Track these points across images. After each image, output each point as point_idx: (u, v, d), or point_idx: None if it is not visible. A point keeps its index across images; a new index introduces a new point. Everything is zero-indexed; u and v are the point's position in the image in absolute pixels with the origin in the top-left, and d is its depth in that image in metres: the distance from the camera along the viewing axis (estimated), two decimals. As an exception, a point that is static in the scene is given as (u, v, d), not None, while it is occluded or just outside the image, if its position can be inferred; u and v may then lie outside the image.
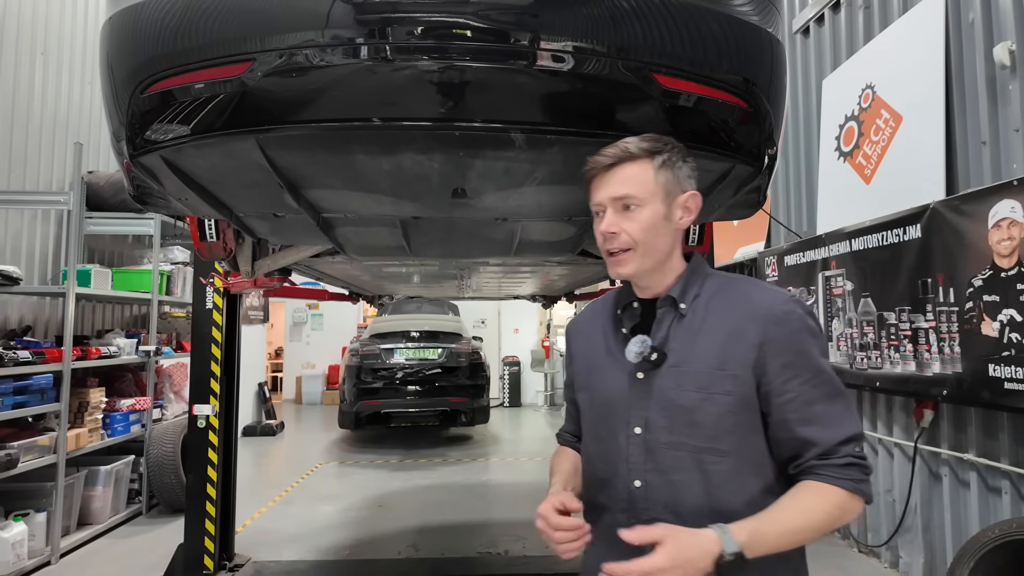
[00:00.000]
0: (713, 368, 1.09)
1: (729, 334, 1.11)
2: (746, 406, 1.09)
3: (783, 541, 1.02)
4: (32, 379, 3.86)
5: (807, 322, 1.11)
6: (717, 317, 1.13)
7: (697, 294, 1.17)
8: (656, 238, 1.14)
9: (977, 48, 3.30)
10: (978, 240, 3.02)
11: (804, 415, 1.07)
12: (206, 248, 2.31)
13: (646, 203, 1.12)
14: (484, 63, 1.26)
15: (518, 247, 2.31)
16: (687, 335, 1.13)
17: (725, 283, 1.18)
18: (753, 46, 1.47)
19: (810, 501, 1.04)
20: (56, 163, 5.00)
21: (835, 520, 1.04)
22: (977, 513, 3.20)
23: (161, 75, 1.34)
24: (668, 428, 1.11)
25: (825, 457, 1.05)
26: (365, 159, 1.46)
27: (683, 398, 1.10)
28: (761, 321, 1.09)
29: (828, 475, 1.04)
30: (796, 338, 1.09)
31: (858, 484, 1.04)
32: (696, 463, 1.09)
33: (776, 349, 1.08)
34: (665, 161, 1.14)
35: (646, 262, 1.14)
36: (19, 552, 3.67)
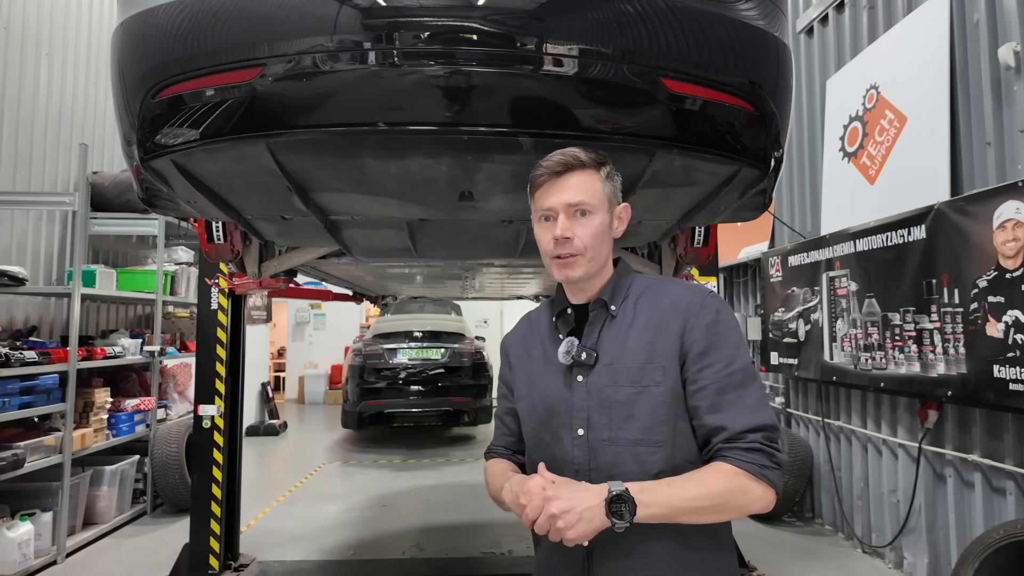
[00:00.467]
0: (644, 362, 1.14)
1: (656, 329, 1.16)
2: (676, 396, 1.13)
3: (676, 502, 1.03)
4: (38, 379, 3.87)
5: (722, 314, 1.16)
6: (645, 315, 1.19)
7: (625, 296, 1.22)
8: (602, 244, 1.19)
9: (982, 49, 3.30)
10: (983, 241, 3.01)
11: (713, 403, 1.11)
12: (213, 250, 2.32)
13: (597, 210, 1.18)
14: (491, 68, 1.26)
15: (524, 248, 2.32)
16: (618, 334, 1.18)
17: (650, 283, 1.25)
18: (759, 50, 1.48)
19: (708, 475, 1.07)
20: (61, 164, 5.02)
21: (736, 499, 1.05)
22: (982, 514, 3.20)
23: (172, 80, 1.35)
24: (607, 425, 1.14)
25: (731, 441, 1.08)
26: (373, 163, 1.47)
27: (619, 393, 1.14)
28: (682, 313, 1.16)
29: (731, 456, 1.07)
30: (711, 329, 1.14)
31: (763, 469, 1.06)
32: (634, 456, 1.12)
33: (693, 338, 1.13)
34: (609, 173, 1.20)
35: (592, 266, 1.19)
36: (25, 552, 3.69)
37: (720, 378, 1.11)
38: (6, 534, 3.58)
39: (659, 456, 1.12)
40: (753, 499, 1.06)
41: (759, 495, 1.06)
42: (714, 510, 1.06)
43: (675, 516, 1.04)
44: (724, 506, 1.05)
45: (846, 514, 4.40)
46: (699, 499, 1.04)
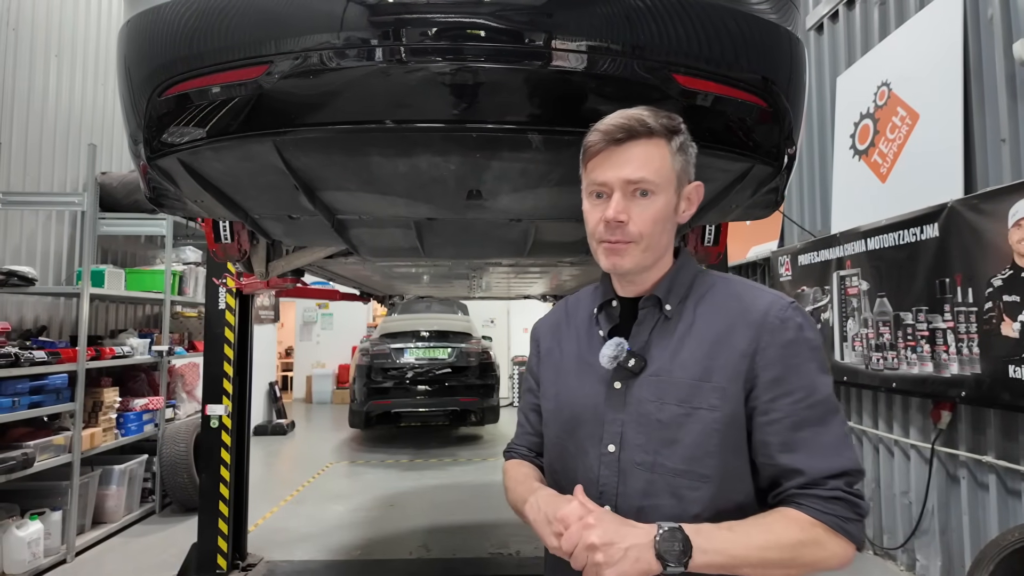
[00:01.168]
0: (697, 379, 0.96)
1: (717, 341, 0.98)
2: (733, 424, 0.95)
3: (739, 550, 0.86)
4: (48, 379, 3.89)
5: (805, 332, 0.96)
6: (705, 321, 1.00)
7: (685, 295, 1.04)
8: (663, 232, 1.01)
9: (996, 45, 3.25)
10: (998, 239, 2.97)
11: (787, 440, 0.93)
12: (221, 249, 2.32)
13: (661, 191, 0.98)
14: (499, 64, 1.25)
15: (532, 248, 2.30)
16: (671, 340, 1.00)
17: (717, 283, 1.05)
18: (772, 44, 1.45)
19: (777, 522, 0.90)
20: (70, 164, 5.04)
21: (809, 554, 0.88)
22: (996, 516, 3.15)
23: (178, 78, 1.34)
24: (643, 446, 0.97)
25: (808, 488, 0.91)
26: (381, 161, 1.46)
27: (663, 412, 0.97)
28: (754, 327, 0.96)
29: (808, 505, 0.90)
30: (791, 349, 0.95)
31: (845, 523, 0.89)
32: (670, 488, 0.95)
33: (767, 360, 0.95)
34: (682, 144, 1.00)
35: (647, 257, 1.01)
36: (35, 550, 3.71)
37: (798, 411, 0.93)
38: (16, 533, 3.60)
39: (701, 494, 0.94)
40: (829, 555, 0.89)
41: (836, 551, 0.89)
42: (782, 564, 0.88)
43: (736, 567, 0.87)
44: (794, 561, 0.88)
45: (857, 516, 4.35)
46: (766, 549, 0.87)
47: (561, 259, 2.89)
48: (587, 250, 2.34)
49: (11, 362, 3.55)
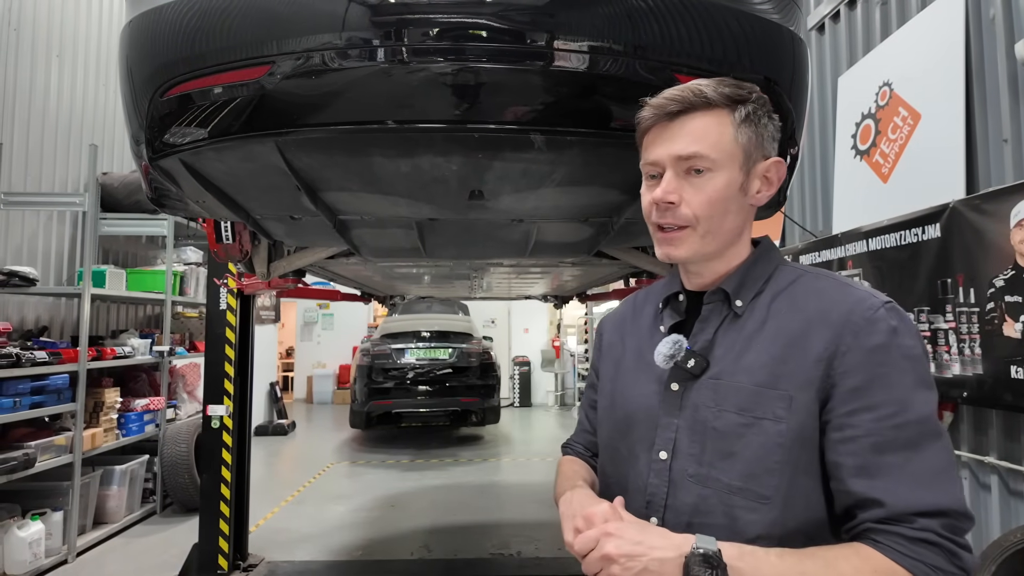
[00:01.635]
0: (763, 385, 0.84)
1: (791, 342, 0.84)
2: (803, 440, 0.81)
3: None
4: (49, 379, 3.89)
5: (899, 338, 0.80)
6: (780, 320, 0.87)
7: (760, 290, 0.91)
8: (725, 215, 0.89)
9: (998, 45, 3.25)
10: (1000, 240, 2.97)
11: (866, 463, 0.77)
12: (222, 250, 2.32)
13: (720, 167, 0.87)
14: (501, 64, 1.25)
15: (533, 248, 2.30)
16: (738, 340, 0.88)
17: (799, 277, 0.91)
18: (775, 44, 1.45)
19: (843, 557, 0.74)
20: (71, 164, 5.05)
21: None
22: (998, 517, 3.15)
23: (180, 79, 1.34)
24: (697, 457, 0.86)
25: (890, 523, 0.75)
26: (383, 161, 1.45)
27: (720, 420, 0.85)
28: (834, 328, 0.82)
29: (887, 545, 0.74)
30: (877, 357, 0.79)
31: (934, 571, 0.72)
32: (724, 507, 0.83)
33: (847, 365, 0.80)
34: (749, 115, 0.88)
35: (708, 244, 0.90)
36: (36, 551, 3.71)
37: (882, 429, 0.77)
38: (17, 533, 3.60)
39: (761, 516, 0.81)
40: None
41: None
42: None
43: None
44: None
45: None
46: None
47: (562, 260, 2.89)
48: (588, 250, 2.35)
49: (12, 362, 3.55)
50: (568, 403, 12.26)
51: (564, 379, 12.54)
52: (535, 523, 4.88)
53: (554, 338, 13.01)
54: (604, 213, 1.86)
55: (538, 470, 6.83)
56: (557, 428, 9.80)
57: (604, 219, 1.92)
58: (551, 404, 12.50)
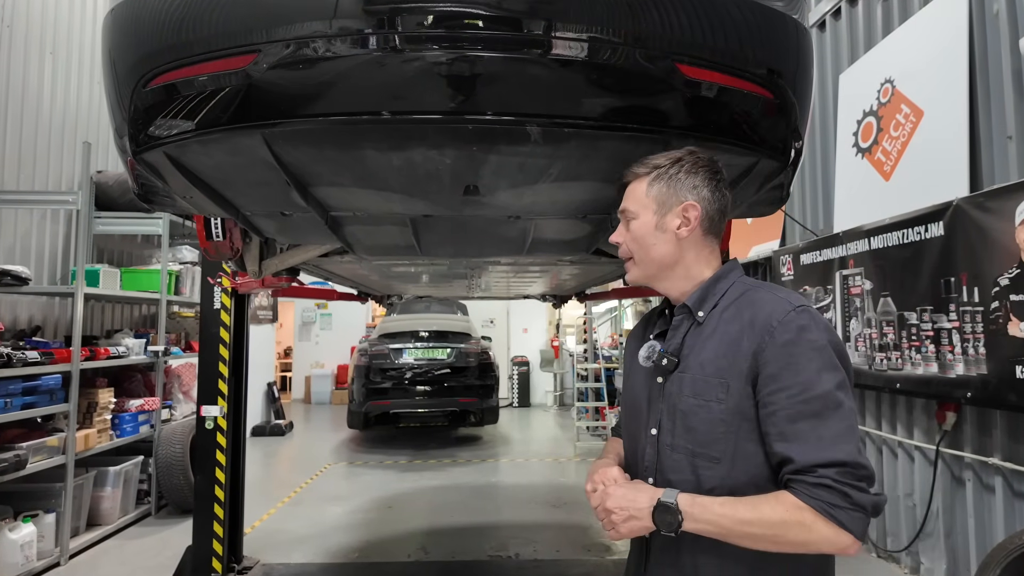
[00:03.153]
0: (710, 376, 1.11)
1: (731, 343, 1.11)
2: (739, 415, 1.08)
3: (725, 523, 1.02)
4: (41, 379, 3.84)
5: (806, 334, 1.06)
6: (725, 327, 1.14)
7: (715, 303, 1.17)
8: (648, 247, 1.21)
9: (1003, 40, 3.21)
10: (1004, 238, 2.93)
11: (783, 431, 1.04)
12: (213, 247, 2.27)
13: (639, 215, 1.21)
14: (497, 53, 1.20)
15: (531, 246, 2.25)
16: (698, 343, 1.16)
17: (745, 291, 1.18)
18: (778, 33, 1.41)
19: (766, 502, 1.02)
20: (65, 162, 5.00)
21: (795, 534, 0.99)
22: (1002, 519, 3.11)
23: (164, 68, 1.30)
24: (671, 431, 1.15)
25: (799, 474, 1.01)
26: (375, 155, 1.41)
27: (683, 403, 1.14)
28: (757, 330, 1.09)
29: (796, 489, 1.00)
30: (788, 349, 1.06)
31: (832, 509, 0.97)
32: (691, 466, 1.12)
33: (766, 357, 1.06)
34: (659, 174, 1.20)
35: (646, 269, 1.23)
36: (28, 553, 3.66)
37: (793, 404, 1.03)
38: (8, 536, 3.55)
39: (715, 473, 1.09)
40: (819, 538, 0.98)
41: (826, 535, 0.98)
42: (769, 540, 1.01)
43: (724, 536, 1.03)
44: (781, 538, 1.00)
45: (860, 518, 4.30)
46: (750, 524, 1.01)
47: (561, 258, 2.84)
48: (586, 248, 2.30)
49: (3, 362, 3.50)
50: (567, 403, 12.22)
51: (563, 379, 12.50)
52: (534, 525, 4.84)
53: (553, 338, 12.97)
54: (603, 209, 1.81)
55: (537, 471, 6.79)
56: (556, 428, 9.76)
57: (603, 216, 1.87)
58: (550, 404, 12.46)
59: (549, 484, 6.15)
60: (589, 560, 4.09)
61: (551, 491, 5.84)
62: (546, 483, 6.20)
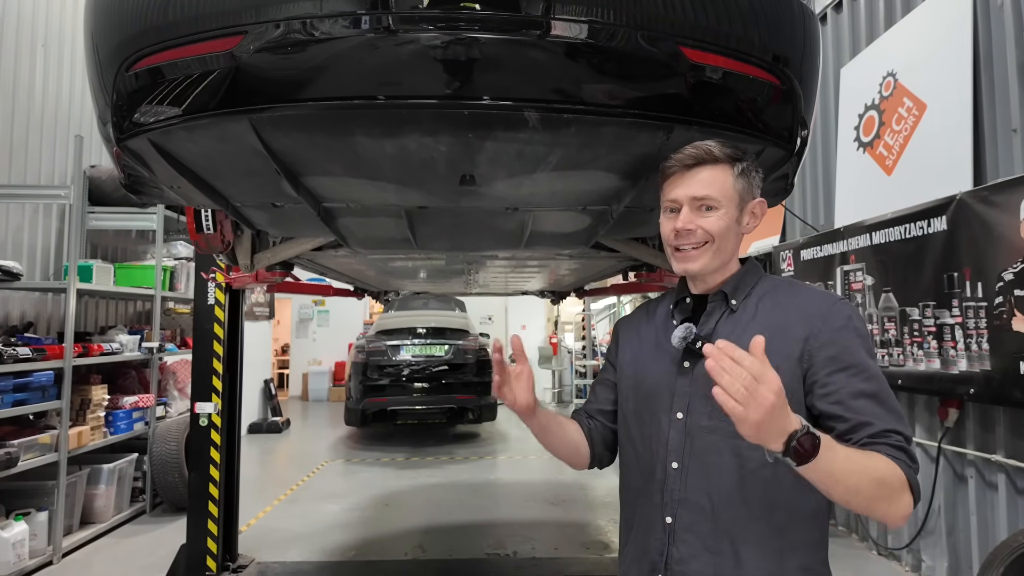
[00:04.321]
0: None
1: (776, 330, 1.12)
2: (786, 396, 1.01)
3: (849, 465, 0.96)
4: (33, 376, 3.79)
5: (854, 321, 1.13)
6: (765, 315, 1.17)
7: (748, 293, 1.22)
8: (727, 239, 1.20)
9: (1008, 33, 3.16)
10: (1009, 232, 2.89)
11: (852, 405, 1.06)
12: (203, 240, 2.22)
13: (723, 206, 1.18)
14: (494, 34, 1.15)
15: (529, 239, 2.20)
16: (734, 328, 1.17)
17: (777, 285, 1.23)
18: (786, 18, 1.36)
19: (874, 456, 1.01)
20: (57, 157, 4.94)
21: (891, 490, 0.98)
22: (1005, 517, 3.07)
23: (147, 51, 1.25)
24: (708, 414, 1.13)
25: (878, 437, 1.03)
26: (367, 142, 1.36)
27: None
28: (808, 318, 1.12)
29: (884, 450, 1.01)
30: (842, 334, 1.10)
31: (909, 468, 1.01)
32: (732, 447, 1.11)
33: (821, 343, 1.10)
34: (744, 169, 1.20)
35: (715, 260, 1.20)
36: (20, 552, 3.62)
37: (855, 382, 1.07)
38: (0, 534, 3.50)
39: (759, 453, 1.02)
40: (900, 503, 0.99)
41: (906, 501, 1.00)
42: (870, 496, 0.98)
43: (837, 481, 0.95)
44: (879, 494, 0.98)
45: (861, 516, 4.27)
46: (866, 473, 0.97)
47: (559, 252, 2.80)
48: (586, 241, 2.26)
49: (-7, 359, 3.45)
50: (565, 400, 12.19)
51: (562, 376, 12.47)
52: (531, 523, 4.80)
53: (551, 335, 12.93)
54: (603, 200, 1.76)
55: (535, 468, 6.75)
56: (554, 425, 9.71)
57: (603, 207, 1.83)
58: (548, 401, 12.42)
59: (547, 482, 6.11)
60: (588, 558, 4.05)
61: (549, 489, 5.80)
62: (544, 481, 6.16)
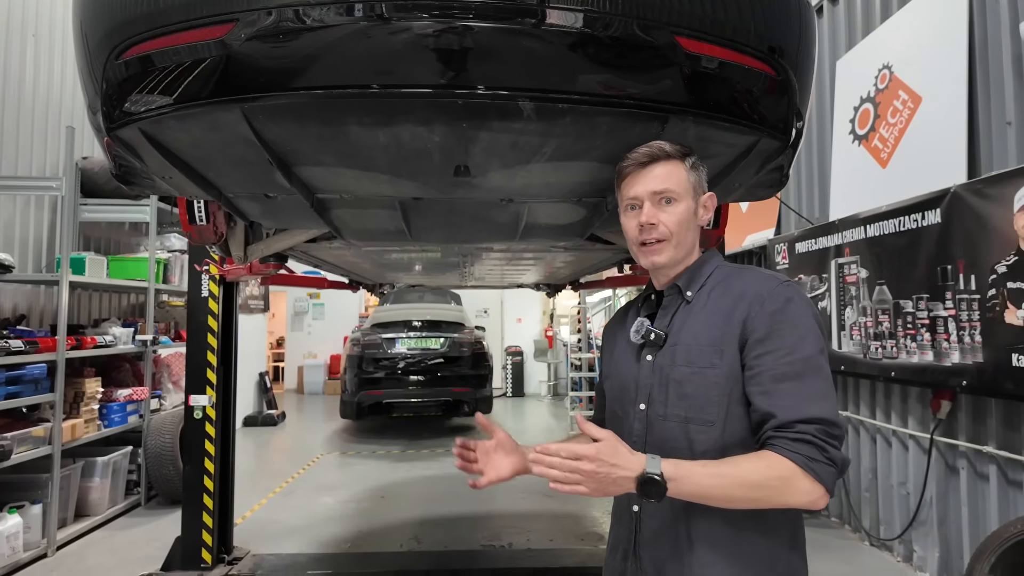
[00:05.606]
0: (703, 345, 1.18)
1: (723, 316, 1.18)
2: (732, 379, 1.14)
3: (710, 482, 1.04)
4: (25, 369, 3.77)
5: (792, 304, 1.14)
6: (715, 302, 1.21)
7: (703, 284, 1.25)
8: (687, 231, 1.24)
9: (1003, 25, 3.16)
10: (1002, 225, 2.90)
11: (767, 389, 1.10)
12: (196, 231, 2.20)
13: (682, 198, 1.23)
14: (489, 23, 1.14)
15: (524, 231, 2.19)
16: (687, 318, 1.23)
17: (730, 272, 1.26)
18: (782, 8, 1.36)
19: (748, 460, 1.06)
20: (49, 148, 4.89)
21: (776, 487, 1.03)
22: (996, 507, 3.10)
23: (137, 38, 1.23)
24: (663, 402, 1.20)
25: (780, 430, 1.06)
26: (360, 131, 1.34)
27: (676, 372, 1.19)
28: (748, 300, 1.17)
29: (777, 444, 1.05)
30: (775, 316, 1.13)
31: (810, 462, 1.03)
32: (684, 432, 1.17)
33: (754, 324, 1.14)
34: (694, 163, 1.25)
35: (678, 252, 1.25)
36: (14, 544, 3.61)
37: (778, 365, 1.10)
38: (-7, 527, 3.50)
39: (709, 436, 1.14)
40: (797, 491, 1.03)
41: (804, 488, 1.03)
42: (750, 498, 1.05)
43: (708, 499, 1.05)
44: (761, 493, 1.04)
45: (853, 506, 4.31)
46: (732, 483, 1.04)
47: (555, 244, 2.79)
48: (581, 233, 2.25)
49: (-15, 351, 3.43)
50: (561, 393, 12.21)
51: (557, 369, 12.49)
52: (526, 514, 4.82)
53: (547, 328, 12.94)
54: (598, 192, 1.76)
55: (530, 460, 6.77)
56: (550, 418, 9.75)
57: (598, 199, 1.82)
58: (544, 394, 12.45)
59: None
60: (583, 549, 4.07)
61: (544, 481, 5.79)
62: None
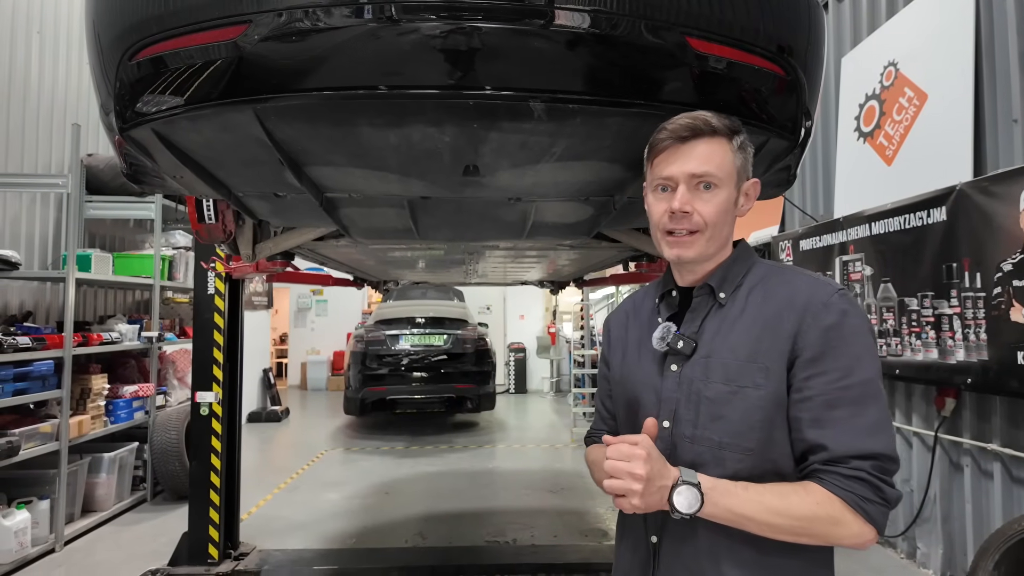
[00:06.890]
0: (744, 360, 1.01)
1: (765, 325, 1.02)
2: (777, 403, 0.99)
3: (749, 510, 0.94)
4: (33, 365, 3.79)
5: (849, 317, 0.99)
6: (756, 308, 1.05)
7: (739, 284, 1.09)
8: (724, 224, 1.07)
9: (1009, 22, 3.15)
10: (1008, 223, 2.89)
11: (818, 416, 0.96)
12: (205, 230, 2.21)
13: (723, 184, 1.05)
14: (498, 24, 1.15)
15: (531, 229, 2.20)
16: (722, 325, 1.06)
17: (771, 272, 1.09)
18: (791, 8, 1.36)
19: (796, 492, 0.95)
20: (55, 145, 4.90)
21: (822, 528, 0.93)
22: (1000, 505, 3.11)
23: (150, 40, 1.24)
24: (692, 421, 1.04)
25: (831, 464, 0.95)
26: (370, 132, 1.35)
27: (710, 390, 1.03)
28: (799, 311, 1.00)
29: (828, 480, 0.94)
30: (830, 332, 0.98)
31: (863, 502, 0.92)
32: (716, 459, 1.01)
33: (807, 341, 0.98)
34: (742, 143, 1.08)
35: (710, 247, 1.07)
36: (22, 540, 3.64)
37: (831, 390, 0.96)
38: (2, 522, 3.52)
39: (745, 465, 1.00)
40: (845, 533, 0.93)
41: (854, 530, 0.93)
42: (792, 532, 0.94)
43: (743, 524, 0.95)
44: (805, 531, 0.94)
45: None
46: (776, 515, 0.94)
47: (561, 242, 2.80)
48: (588, 231, 2.26)
49: (-7, 348, 3.45)
50: (563, 389, 12.23)
51: (560, 365, 12.51)
52: (531, 510, 4.84)
53: (550, 324, 12.95)
54: (606, 191, 1.76)
55: (533, 457, 6.79)
56: (552, 414, 9.77)
57: (606, 198, 1.83)
58: (546, 391, 12.47)
59: (546, 470, 6.15)
60: (587, 545, 4.09)
61: (548, 477, 5.84)
62: (543, 469, 6.20)
